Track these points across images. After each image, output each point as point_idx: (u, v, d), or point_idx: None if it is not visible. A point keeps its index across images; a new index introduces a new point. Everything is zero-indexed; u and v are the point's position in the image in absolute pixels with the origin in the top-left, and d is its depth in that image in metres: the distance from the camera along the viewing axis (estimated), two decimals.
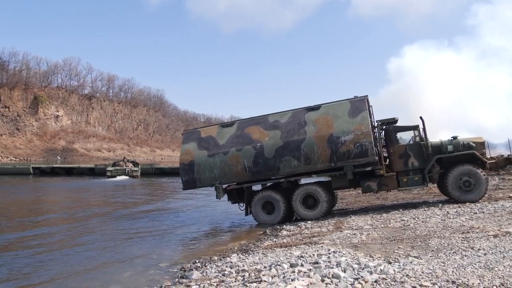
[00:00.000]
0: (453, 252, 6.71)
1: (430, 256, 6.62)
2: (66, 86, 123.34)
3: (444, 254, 6.68)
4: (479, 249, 6.73)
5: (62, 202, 23.36)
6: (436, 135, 13.73)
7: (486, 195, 13.05)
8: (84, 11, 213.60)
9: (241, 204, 14.12)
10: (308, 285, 5.51)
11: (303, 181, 14.26)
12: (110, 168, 41.59)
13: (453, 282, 5.15)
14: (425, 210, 11.76)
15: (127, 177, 40.19)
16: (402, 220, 10.65)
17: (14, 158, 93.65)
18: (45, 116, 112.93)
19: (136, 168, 42.53)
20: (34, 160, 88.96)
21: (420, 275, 5.57)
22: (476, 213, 10.40)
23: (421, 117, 13.09)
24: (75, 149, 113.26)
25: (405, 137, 13.46)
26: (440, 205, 12.28)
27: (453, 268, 5.76)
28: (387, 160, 13.33)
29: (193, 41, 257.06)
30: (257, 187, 14.23)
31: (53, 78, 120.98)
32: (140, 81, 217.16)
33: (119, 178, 39.61)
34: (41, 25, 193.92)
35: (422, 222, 10.04)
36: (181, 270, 8.16)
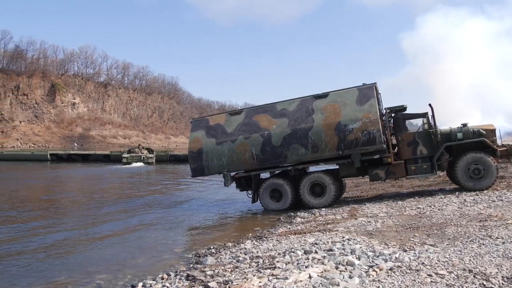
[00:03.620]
0: (470, 241, 6.60)
1: (447, 245, 6.53)
2: (82, 74, 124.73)
3: (461, 242, 6.58)
4: (497, 238, 6.60)
5: (78, 189, 23.70)
6: (461, 119, 13.37)
7: (504, 183, 12.83)
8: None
9: (249, 192, 14.19)
10: (322, 272, 5.49)
11: (312, 169, 14.22)
12: (125, 155, 41.96)
13: (470, 271, 5.07)
14: (441, 198, 11.61)
15: (142, 164, 40.53)
16: (418, 207, 10.53)
17: (33, 145, 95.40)
18: (62, 103, 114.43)
19: (151, 155, 42.84)
20: (52, 146, 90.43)
21: (436, 263, 5.50)
22: (495, 201, 10.22)
23: (430, 104, 12.94)
24: (91, 136, 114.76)
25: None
26: (457, 192, 12.10)
27: (470, 257, 5.68)
28: (396, 148, 13.20)
29: (206, 29, 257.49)
30: (265, 175, 14.25)
31: (70, 66, 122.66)
32: (155, 69, 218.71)
33: (134, 164, 39.96)
34: (57, 13, 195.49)
35: (439, 210, 9.91)
36: (195, 256, 8.22)
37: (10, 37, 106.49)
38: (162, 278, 6.49)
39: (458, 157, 12.45)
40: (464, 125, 12.84)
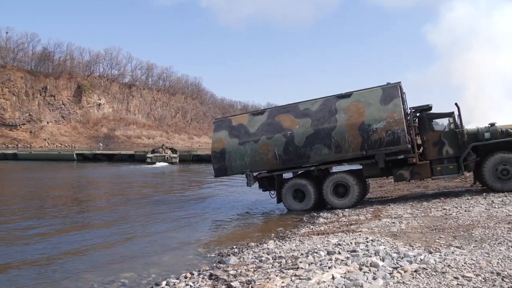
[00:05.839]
0: (498, 243, 6.45)
1: (474, 247, 6.39)
2: (108, 75, 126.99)
3: (488, 244, 6.43)
4: None
5: (104, 189, 24.12)
6: (495, 116, 13.07)
7: None
8: (125, 1, 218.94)
9: (272, 192, 14.15)
10: (345, 273, 5.45)
11: (335, 169, 14.12)
12: (150, 155, 42.52)
13: (498, 274, 4.96)
14: (468, 199, 11.37)
15: (166, 164, 40.98)
16: (444, 209, 10.34)
17: (59, 145, 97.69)
18: (88, 104, 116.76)
19: (174, 155, 43.28)
20: (78, 146, 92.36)
21: (463, 265, 5.39)
22: None
23: (456, 104, 12.71)
24: (116, 136, 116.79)
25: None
26: (484, 194, 11.83)
27: (498, 260, 5.55)
28: (421, 148, 12.99)
29: (224, 33, 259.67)
30: (288, 175, 14.21)
31: (95, 67, 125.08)
32: (178, 69, 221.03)
33: (158, 164, 40.44)
34: (83, 15, 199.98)
35: (465, 211, 9.71)
36: (218, 255, 8.26)
37: (38, 40, 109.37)
38: (186, 277, 6.55)
39: (485, 158, 12.18)
40: (492, 124, 12.56)
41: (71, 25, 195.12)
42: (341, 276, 5.30)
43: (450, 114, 12.76)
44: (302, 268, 5.91)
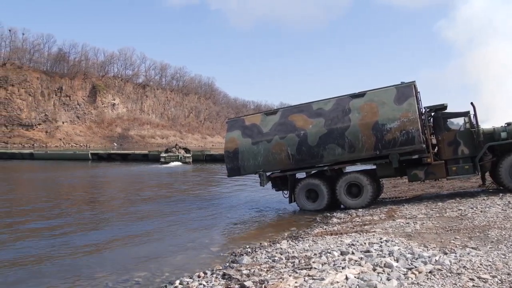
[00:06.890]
0: None
1: (490, 248, 6.31)
2: (122, 75, 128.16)
3: (505, 246, 6.34)
4: None
5: (118, 188, 24.32)
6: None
7: None
8: (138, 2, 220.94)
9: (285, 192, 14.14)
10: (359, 273, 5.42)
11: (348, 169, 14.04)
12: (164, 155, 42.80)
13: None
14: (484, 200, 11.22)
15: (180, 163, 41.18)
16: (459, 209, 10.22)
17: (74, 145, 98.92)
18: (102, 104, 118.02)
19: (188, 155, 43.48)
20: (92, 146, 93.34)
21: (479, 267, 5.32)
22: None
23: (472, 103, 12.54)
24: (130, 135, 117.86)
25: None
26: (500, 194, 11.66)
27: None
28: (436, 147, 12.85)
29: (238, 30, 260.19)
30: (301, 175, 14.17)
31: (110, 67, 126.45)
32: (191, 70, 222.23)
33: (172, 164, 40.67)
34: (98, 16, 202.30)
35: (481, 212, 9.58)
36: (231, 255, 8.28)
37: (53, 41, 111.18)
38: (199, 276, 6.57)
39: (502, 157, 12.00)
40: (509, 124, 12.38)
41: (86, 26, 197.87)
42: (355, 277, 5.27)
43: (465, 114, 12.61)
44: (315, 268, 5.89)
